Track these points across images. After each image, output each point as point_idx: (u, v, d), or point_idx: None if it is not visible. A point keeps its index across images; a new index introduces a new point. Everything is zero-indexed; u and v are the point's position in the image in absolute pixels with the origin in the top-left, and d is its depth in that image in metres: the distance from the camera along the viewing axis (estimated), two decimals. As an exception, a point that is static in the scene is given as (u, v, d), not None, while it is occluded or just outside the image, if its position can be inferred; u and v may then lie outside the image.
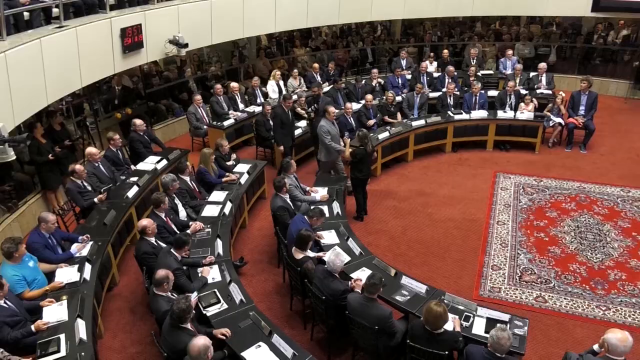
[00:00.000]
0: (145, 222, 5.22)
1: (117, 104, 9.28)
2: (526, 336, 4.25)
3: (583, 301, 5.46)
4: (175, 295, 4.41)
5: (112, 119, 9.12)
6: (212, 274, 5.02)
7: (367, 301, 4.26)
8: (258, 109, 9.22)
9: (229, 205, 6.31)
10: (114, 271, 5.87)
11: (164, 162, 7.35)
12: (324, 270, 4.64)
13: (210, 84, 10.74)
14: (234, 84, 9.68)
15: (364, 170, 6.82)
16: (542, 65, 10.06)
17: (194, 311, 4.10)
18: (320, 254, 5.26)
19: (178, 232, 5.60)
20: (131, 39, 7.77)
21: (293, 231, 5.27)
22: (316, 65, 10.82)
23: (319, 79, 10.50)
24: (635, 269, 5.90)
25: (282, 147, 7.94)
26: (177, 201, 6.19)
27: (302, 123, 8.74)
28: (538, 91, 9.65)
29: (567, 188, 7.70)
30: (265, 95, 9.97)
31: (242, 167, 7.29)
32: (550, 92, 9.63)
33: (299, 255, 5.02)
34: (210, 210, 6.22)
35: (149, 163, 7.32)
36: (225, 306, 4.62)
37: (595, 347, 3.79)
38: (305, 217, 5.50)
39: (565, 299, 5.51)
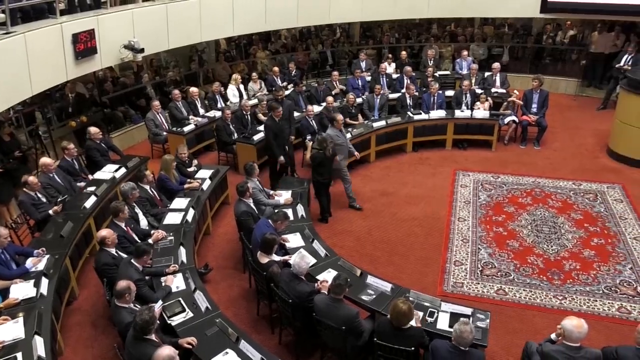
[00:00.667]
0: (104, 232, 5.08)
1: (71, 112, 8.98)
2: (488, 328, 4.37)
3: (541, 292, 5.66)
4: (138, 307, 4.31)
5: (66, 128, 8.82)
6: (176, 282, 4.93)
7: (334, 302, 4.28)
8: (219, 113, 9.13)
9: (191, 212, 6.22)
10: (73, 284, 5.67)
11: (123, 170, 7.17)
12: (289, 274, 4.64)
13: (169, 89, 10.55)
14: (193, 89, 9.55)
15: (325, 174, 6.84)
16: (496, 65, 10.38)
17: (158, 321, 4.02)
18: (286, 257, 5.26)
19: (139, 241, 5.48)
20: (84, 45, 7.55)
21: (257, 235, 5.24)
22: (276, 68, 10.82)
23: (279, 82, 10.50)
24: (588, 259, 6.16)
25: (282, 158, 7.54)
26: (137, 210, 6.05)
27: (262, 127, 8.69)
28: (493, 90, 9.96)
29: (523, 183, 7.97)
30: (226, 99, 9.88)
31: (204, 173, 7.19)
32: (504, 91, 9.95)
33: (264, 260, 5.00)
34: (172, 218, 6.11)
35: (107, 172, 7.12)
36: (190, 314, 4.55)
37: (553, 335, 3.94)
38: (270, 220, 5.49)
39: (524, 290, 5.70)
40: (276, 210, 5.74)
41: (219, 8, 9.87)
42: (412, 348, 3.95)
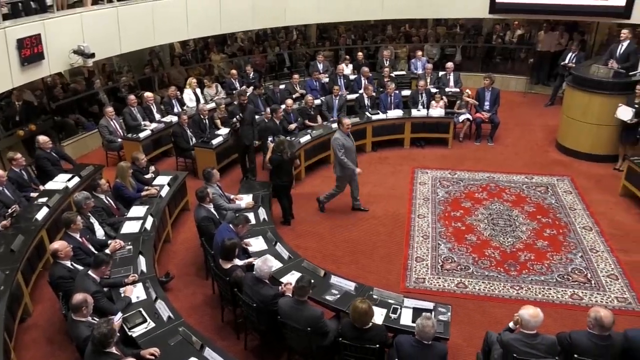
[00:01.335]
0: (56, 245, 4.89)
1: (18, 121, 8.61)
2: (450, 321, 4.48)
3: (499, 283, 5.85)
4: (97, 320, 4.17)
5: (13, 137, 8.43)
6: (136, 292, 4.81)
7: (298, 304, 4.29)
8: (175, 118, 8.97)
9: (150, 219, 6.08)
10: (27, 300, 5.43)
11: (76, 179, 6.94)
12: (253, 278, 4.61)
13: (123, 94, 10.29)
14: (148, 94, 9.35)
15: (283, 177, 6.83)
16: (449, 64, 10.67)
17: (118, 334, 3.91)
18: (251, 259, 5.22)
19: (96, 252, 5.30)
20: (30, 51, 7.25)
21: (219, 241, 5.18)
22: (234, 71, 10.72)
23: (237, 85, 10.42)
24: (541, 249, 6.41)
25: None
26: (93, 220, 5.87)
27: (223, 131, 8.61)
28: (447, 89, 10.22)
29: (478, 179, 8.22)
30: (183, 104, 9.72)
31: (162, 180, 7.05)
32: (458, 90, 10.23)
33: (226, 265, 4.95)
34: (130, 227, 5.95)
35: (59, 182, 6.86)
36: (152, 325, 4.45)
37: (511, 324, 4.08)
38: (231, 225, 5.43)
39: (483, 282, 5.87)
40: (237, 214, 5.69)
41: (172, 11, 9.69)
42: (377, 345, 4.01)
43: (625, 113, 7.73)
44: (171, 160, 8.98)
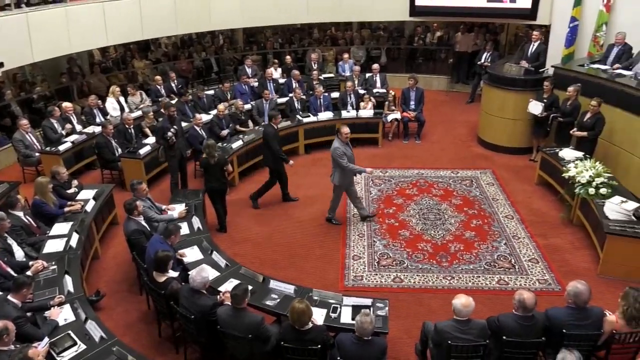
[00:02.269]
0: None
1: None
2: (388, 316, 4.60)
3: (432, 275, 6.09)
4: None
5: None
6: (63, 315, 4.54)
7: (237, 312, 4.23)
8: (98, 129, 8.55)
9: (75, 236, 5.76)
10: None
11: (-11, 198, 6.43)
12: (189, 289, 4.50)
13: (39, 105, 9.67)
14: (66, 104, 8.86)
15: (212, 181, 6.74)
16: (375, 66, 10.98)
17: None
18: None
19: (16, 275, 4.94)
20: None
21: (151, 254, 5.00)
22: (158, 77, 10.40)
23: (163, 91, 10.12)
24: (469, 240, 6.75)
25: (291, 162, 7.49)
26: (10, 241, 5.47)
27: (151, 140, 8.32)
28: (374, 90, 10.50)
29: (408, 175, 8.51)
30: (105, 113, 9.28)
31: (87, 194, 6.71)
32: (384, 90, 10.54)
33: (161, 278, 4.79)
34: (53, 246, 5.61)
35: (-31, 202, 6.34)
36: (83, 347, 4.21)
37: None
38: (162, 236, 5.27)
39: (417, 275, 6.09)
40: (167, 226, 5.51)
41: (88, 17, 9.27)
42: (319, 346, 4.04)
43: (535, 107, 8.32)
44: (96, 173, 8.57)
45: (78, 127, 8.73)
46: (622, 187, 6.60)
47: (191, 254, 5.54)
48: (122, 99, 9.65)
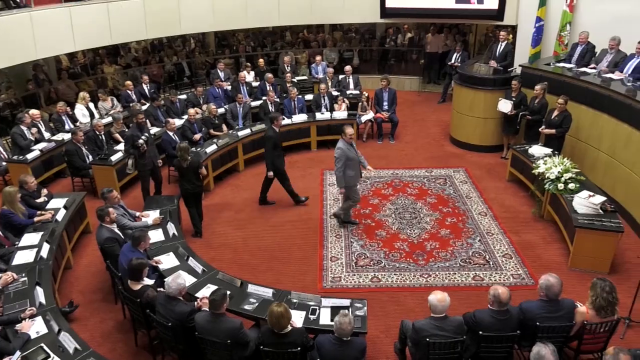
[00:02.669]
0: None
1: None
2: (366, 315, 4.63)
3: (409, 273, 6.16)
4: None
5: None
6: (35, 327, 4.42)
7: (215, 317, 4.19)
8: (67, 136, 8.36)
9: (46, 246, 5.62)
10: None
11: (-47, 210, 6.21)
12: (165, 296, 4.44)
13: (4, 114, 9.40)
14: (34, 111, 8.63)
15: (186, 184, 6.70)
16: (348, 68, 11.06)
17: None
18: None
19: (-16, 289, 4.80)
20: None
21: (123, 262, 4.93)
22: (129, 82, 10.23)
23: (134, 96, 9.97)
24: (445, 237, 6.85)
25: (270, 173, 7.39)
26: (-23, 253, 5.30)
27: (122, 146, 8.17)
28: (348, 92, 10.57)
29: (383, 176, 8.59)
30: (75, 120, 9.08)
31: (57, 202, 6.55)
32: (358, 92, 10.62)
33: (136, 286, 4.71)
34: (23, 257, 5.46)
35: None
36: (57, 359, 4.11)
37: None
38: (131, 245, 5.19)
39: (395, 274, 6.15)
40: (133, 233, 5.37)
41: (54, 22, 9.04)
42: (298, 348, 4.04)
43: (505, 106, 8.50)
44: (66, 181, 8.38)
45: (47, 135, 8.52)
46: (589, 181, 6.80)
47: (167, 260, 5.47)
48: (91, 105, 9.46)
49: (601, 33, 8.31)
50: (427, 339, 4.04)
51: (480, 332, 4.13)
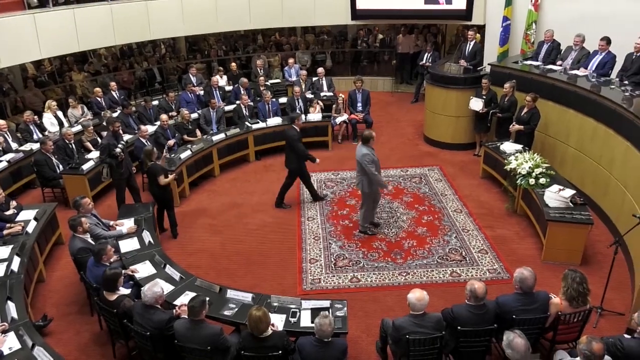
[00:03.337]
0: None
1: None
2: (347, 316, 4.65)
3: (388, 272, 6.21)
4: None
5: None
6: (8, 343, 4.29)
7: (195, 324, 4.15)
8: (36, 146, 8.16)
9: (16, 260, 5.47)
10: None
11: None
12: (142, 305, 4.37)
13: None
14: (0, 122, 8.38)
15: (153, 187, 6.71)
16: (320, 70, 11.09)
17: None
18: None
19: (-48, 306, 4.64)
20: None
21: (91, 280, 4.90)
22: (98, 89, 10.04)
23: (104, 103, 9.78)
24: (422, 235, 6.93)
25: (317, 160, 7.59)
26: (-56, 270, 5.12)
27: (94, 154, 8.02)
28: (322, 94, 10.60)
29: (359, 176, 8.63)
30: (43, 129, 8.87)
31: (27, 214, 6.38)
32: (332, 94, 10.66)
33: (112, 297, 4.62)
34: (-7, 271, 5.30)
35: None
36: (31, 376, 4.01)
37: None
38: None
39: (374, 274, 6.19)
40: (94, 249, 5.21)
41: (18, 29, 8.81)
42: (280, 352, 4.03)
43: (476, 104, 8.66)
44: (36, 192, 8.18)
45: (14, 145, 8.30)
46: (559, 175, 6.97)
47: (143, 269, 5.39)
48: (60, 113, 9.25)
49: (566, 31, 8.57)
50: (407, 336, 4.08)
51: (459, 327, 4.19)
